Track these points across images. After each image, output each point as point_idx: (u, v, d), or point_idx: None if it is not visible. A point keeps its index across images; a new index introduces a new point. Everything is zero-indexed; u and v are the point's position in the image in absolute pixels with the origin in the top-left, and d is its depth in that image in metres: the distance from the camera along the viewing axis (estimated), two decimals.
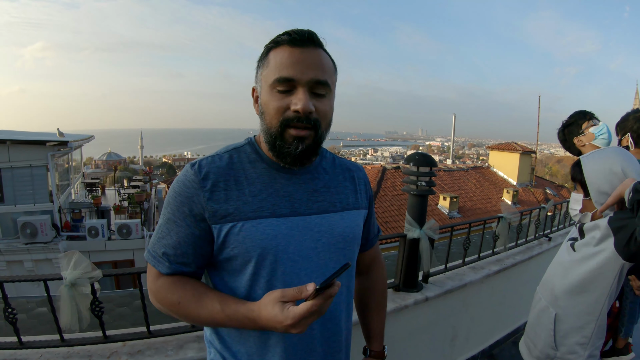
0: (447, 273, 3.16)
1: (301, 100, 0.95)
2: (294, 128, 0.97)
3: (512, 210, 3.57)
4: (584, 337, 1.61)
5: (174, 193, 1.02)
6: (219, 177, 1.01)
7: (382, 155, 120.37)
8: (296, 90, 0.97)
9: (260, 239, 0.99)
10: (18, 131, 15.92)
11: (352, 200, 1.17)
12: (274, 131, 0.99)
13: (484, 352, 3.50)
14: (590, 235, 1.61)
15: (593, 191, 1.65)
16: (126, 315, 4.93)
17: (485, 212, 17.57)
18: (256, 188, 1.02)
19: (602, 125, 2.31)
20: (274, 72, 0.97)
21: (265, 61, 1.00)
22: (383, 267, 1.41)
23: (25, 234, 11.03)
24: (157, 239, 1.03)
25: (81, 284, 1.81)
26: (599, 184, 1.62)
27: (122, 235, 12.03)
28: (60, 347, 1.96)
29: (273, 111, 0.98)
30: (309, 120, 0.97)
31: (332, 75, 1.03)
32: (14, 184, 11.56)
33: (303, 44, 0.97)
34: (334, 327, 1.10)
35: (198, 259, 1.03)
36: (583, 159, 1.71)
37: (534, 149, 23.82)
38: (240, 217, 0.99)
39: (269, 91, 0.98)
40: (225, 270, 1.04)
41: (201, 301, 0.97)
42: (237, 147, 1.09)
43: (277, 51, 0.98)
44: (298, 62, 0.96)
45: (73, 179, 16.25)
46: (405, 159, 2.73)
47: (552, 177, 51.18)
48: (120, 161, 42.33)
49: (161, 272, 1.02)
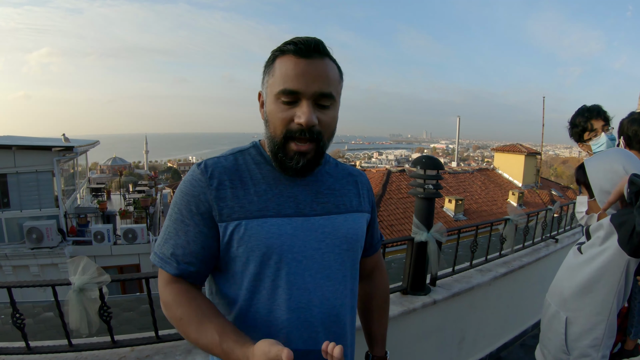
0: (455, 276, 3.15)
1: (305, 114, 0.96)
2: (296, 142, 0.99)
3: (519, 212, 3.55)
4: (595, 339, 1.59)
5: (181, 193, 1.03)
6: (224, 175, 1.02)
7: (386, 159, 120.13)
8: (300, 102, 0.97)
9: (265, 238, 0.99)
10: (23, 137, 16.02)
11: (355, 203, 1.17)
12: (277, 141, 1.00)
13: (492, 355, 3.47)
14: (596, 236, 1.61)
15: (596, 191, 1.65)
16: (132, 319, 4.93)
17: (490, 214, 17.49)
18: (261, 188, 1.03)
19: (603, 138, 2.33)
20: (279, 83, 0.97)
21: (272, 69, 1.01)
22: (385, 273, 1.41)
23: (31, 239, 11.07)
24: (164, 241, 1.03)
25: (90, 289, 1.82)
26: (601, 183, 1.63)
27: (127, 240, 12.05)
28: (69, 352, 1.96)
29: (277, 122, 0.99)
30: (312, 133, 0.98)
31: (338, 85, 1.03)
32: (20, 189, 11.62)
33: (309, 55, 0.97)
34: (339, 330, 1.09)
35: (206, 258, 1.03)
36: (586, 161, 1.73)
37: (539, 150, 23.72)
38: (246, 215, 1.00)
39: (274, 101, 0.99)
40: (230, 270, 1.03)
41: (202, 325, 0.96)
42: (242, 149, 1.11)
43: (283, 60, 0.98)
44: (303, 75, 0.96)
45: (78, 184, 16.31)
46: (411, 162, 2.72)
47: (557, 178, 50.99)
48: (126, 166, 42.52)
49: (169, 273, 1.02)
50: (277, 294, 1.01)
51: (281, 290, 1.01)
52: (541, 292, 1.96)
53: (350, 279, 1.13)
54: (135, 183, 25.46)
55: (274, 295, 1.01)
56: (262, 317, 1.02)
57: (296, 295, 1.01)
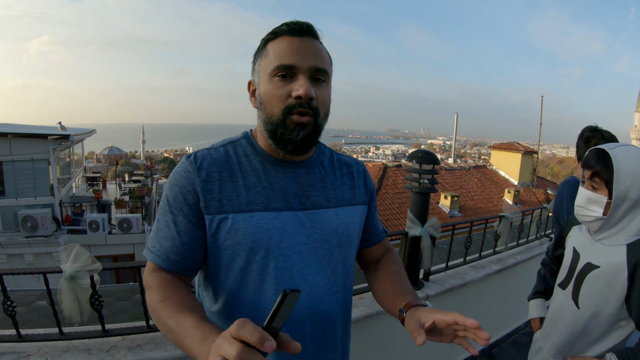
0: (448, 272, 3.16)
1: (303, 86, 0.96)
2: (295, 115, 0.97)
3: (514, 210, 3.56)
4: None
5: (170, 185, 1.02)
6: (213, 168, 1.01)
7: (383, 153, 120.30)
8: (297, 77, 0.97)
9: (252, 232, 0.98)
10: (20, 124, 15.92)
11: (348, 196, 1.15)
12: (275, 119, 0.99)
13: (484, 351, 3.49)
14: None
15: (620, 195, 1.37)
16: (126, 309, 4.94)
17: (486, 212, 17.55)
18: (250, 181, 1.02)
19: None
20: (274, 61, 0.98)
21: (264, 52, 1.02)
22: (396, 253, 1.34)
23: (26, 227, 11.03)
24: (155, 234, 1.03)
25: (81, 277, 1.81)
26: (629, 188, 1.35)
27: (122, 230, 12.02)
28: (59, 341, 1.96)
29: (274, 99, 0.98)
30: (310, 106, 0.97)
31: (329, 66, 1.04)
32: (16, 177, 11.56)
33: (302, 34, 0.99)
34: (328, 325, 1.08)
35: (197, 250, 1.01)
36: (614, 151, 1.39)
37: (536, 149, 23.77)
38: (233, 209, 0.99)
39: (269, 80, 0.99)
40: (217, 263, 1.02)
41: (180, 312, 0.88)
42: (233, 140, 1.10)
43: (276, 42, 1.00)
44: (298, 50, 0.97)
45: (74, 173, 16.25)
46: (408, 157, 2.71)
47: (553, 177, 51.22)
48: (122, 156, 42.35)
49: (159, 266, 1.00)
50: (264, 289, 1.00)
51: (268, 285, 1.00)
52: None
53: (341, 274, 1.12)
54: (131, 173, 25.35)
55: (260, 290, 1.00)
56: (248, 311, 1.00)
57: None
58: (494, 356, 3.52)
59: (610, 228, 1.43)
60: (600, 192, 1.42)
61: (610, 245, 1.43)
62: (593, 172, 1.43)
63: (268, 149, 1.06)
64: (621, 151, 1.38)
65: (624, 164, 1.35)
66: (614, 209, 1.38)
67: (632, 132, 36.28)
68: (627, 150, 1.38)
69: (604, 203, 1.40)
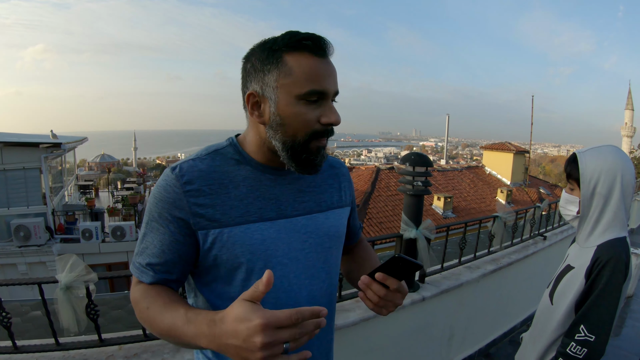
0: (444, 273, 3.17)
1: (334, 113, 0.96)
2: (318, 139, 0.98)
3: (508, 210, 3.58)
4: None
5: (154, 199, 0.98)
6: (202, 180, 0.97)
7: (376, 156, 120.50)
8: (325, 102, 0.96)
9: (249, 245, 0.97)
10: (11, 133, 15.82)
11: (336, 199, 1.16)
12: (298, 142, 0.96)
13: (481, 351, 3.50)
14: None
15: (588, 191, 1.49)
16: (121, 318, 4.91)
17: (479, 212, 17.60)
18: (242, 192, 1.00)
19: None
20: (304, 84, 0.93)
21: (282, 66, 0.93)
22: (365, 240, 1.41)
23: (19, 237, 10.94)
24: (140, 250, 1.00)
25: (76, 287, 1.80)
26: (597, 184, 1.47)
27: (116, 238, 11.95)
28: (56, 351, 1.95)
29: (301, 124, 0.95)
30: (333, 131, 0.99)
31: None
32: (7, 186, 11.46)
33: (325, 55, 0.96)
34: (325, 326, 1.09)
35: (183, 266, 0.99)
36: (580, 153, 1.54)
37: (527, 148, 23.90)
38: (228, 222, 0.97)
39: (295, 102, 0.94)
40: (214, 278, 1.01)
41: (168, 306, 0.91)
42: (217, 148, 1.05)
43: (300, 59, 0.93)
44: (327, 75, 0.95)
45: (66, 181, 16.14)
46: (401, 159, 2.73)
47: (545, 176, 51.52)
48: (114, 163, 42.09)
49: (145, 282, 0.98)
50: (264, 298, 1.00)
51: (267, 294, 1.00)
52: (529, 289, 1.98)
53: (333, 275, 1.14)
54: (123, 180, 25.25)
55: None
56: None
57: (283, 298, 1.00)
58: (491, 355, 3.53)
59: (587, 225, 1.53)
60: (575, 193, 1.58)
61: (587, 247, 1.53)
62: (567, 175, 1.61)
63: (257, 157, 1.03)
64: (590, 152, 1.51)
65: (589, 163, 1.49)
66: (584, 204, 1.52)
67: (623, 129, 36.59)
68: (597, 151, 1.51)
69: (577, 202, 1.56)
